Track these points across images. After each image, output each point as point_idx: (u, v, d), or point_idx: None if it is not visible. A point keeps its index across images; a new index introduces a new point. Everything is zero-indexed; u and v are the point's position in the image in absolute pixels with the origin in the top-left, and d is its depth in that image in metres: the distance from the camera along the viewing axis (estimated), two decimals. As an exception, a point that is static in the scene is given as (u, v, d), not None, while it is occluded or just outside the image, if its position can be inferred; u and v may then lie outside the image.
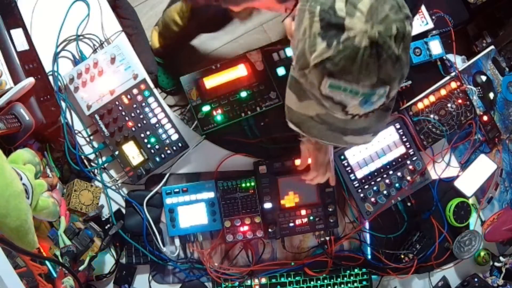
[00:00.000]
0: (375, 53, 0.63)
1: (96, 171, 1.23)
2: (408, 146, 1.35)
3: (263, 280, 1.31)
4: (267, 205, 1.27)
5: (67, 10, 1.23)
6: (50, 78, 1.20)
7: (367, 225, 1.35)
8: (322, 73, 0.65)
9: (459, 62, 1.46)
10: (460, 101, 1.40)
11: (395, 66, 0.65)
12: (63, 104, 1.20)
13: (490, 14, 1.75)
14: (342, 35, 0.63)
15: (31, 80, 1.09)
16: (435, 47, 1.40)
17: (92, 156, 1.23)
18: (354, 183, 1.32)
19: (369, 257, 1.36)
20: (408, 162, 1.35)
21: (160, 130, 1.23)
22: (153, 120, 1.22)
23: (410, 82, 1.38)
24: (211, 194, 1.26)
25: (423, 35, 1.41)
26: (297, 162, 1.27)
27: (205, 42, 1.80)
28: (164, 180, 1.25)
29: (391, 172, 1.34)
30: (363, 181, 1.32)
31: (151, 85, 1.24)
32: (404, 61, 0.66)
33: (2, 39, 1.12)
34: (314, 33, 0.65)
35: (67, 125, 1.20)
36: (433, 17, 1.43)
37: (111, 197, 1.23)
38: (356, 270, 1.35)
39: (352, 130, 0.73)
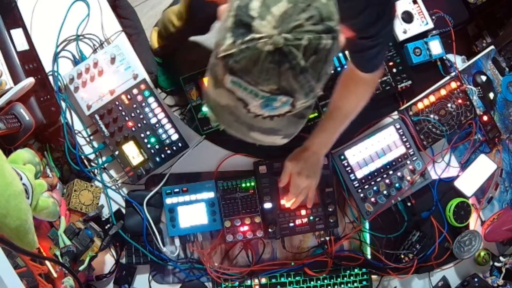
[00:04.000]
0: (277, 61, 0.61)
1: (96, 171, 1.23)
2: (408, 146, 1.35)
3: (263, 280, 1.31)
4: (267, 205, 1.27)
5: (67, 10, 1.23)
6: (50, 78, 1.20)
7: (367, 225, 1.35)
8: (225, 67, 0.64)
9: (459, 62, 1.46)
10: (460, 101, 1.40)
11: (298, 77, 0.62)
12: (63, 104, 1.20)
13: (490, 14, 1.74)
14: (248, 36, 0.61)
15: (31, 80, 1.10)
16: (435, 47, 1.40)
17: (92, 156, 1.23)
18: (354, 183, 1.32)
19: (369, 257, 1.36)
20: (408, 162, 1.35)
21: (160, 130, 1.23)
22: (153, 120, 1.22)
23: (410, 82, 1.38)
24: (211, 194, 1.26)
25: (423, 35, 1.41)
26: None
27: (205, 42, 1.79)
28: (164, 180, 1.25)
29: (391, 172, 1.34)
30: (363, 181, 1.32)
31: (151, 85, 1.24)
32: (311, 74, 0.63)
33: (2, 39, 1.12)
34: (226, 27, 0.64)
35: (67, 125, 1.20)
36: (433, 17, 1.43)
37: (111, 197, 1.23)
38: (356, 270, 1.35)
39: (259, 128, 0.71)
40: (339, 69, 1.35)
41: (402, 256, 1.35)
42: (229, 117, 0.71)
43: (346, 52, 1.32)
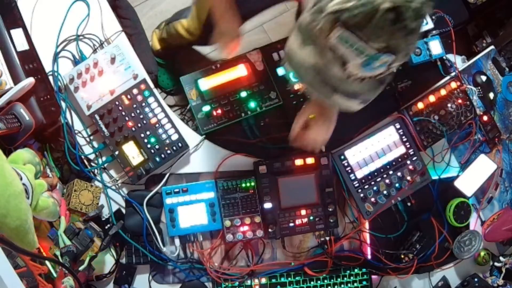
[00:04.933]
0: (393, 18, 0.64)
1: (96, 171, 1.23)
2: (408, 146, 1.35)
3: (263, 280, 1.31)
4: (267, 205, 1.27)
5: (67, 10, 1.23)
6: (50, 78, 1.20)
7: (367, 225, 1.35)
8: (336, 21, 0.66)
9: (459, 62, 1.46)
10: (460, 101, 1.40)
11: (407, 37, 0.66)
12: (63, 104, 1.20)
13: (490, 14, 1.75)
14: None
15: (31, 80, 1.10)
16: (435, 47, 1.40)
17: (92, 156, 1.23)
18: (354, 183, 1.32)
19: (369, 257, 1.36)
20: (408, 162, 1.35)
21: (160, 130, 1.23)
22: (153, 120, 1.22)
23: (410, 82, 1.38)
24: (211, 194, 1.26)
25: (423, 35, 1.41)
26: (297, 161, 1.27)
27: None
28: (164, 180, 1.25)
29: (391, 172, 1.34)
30: (363, 181, 1.32)
31: (151, 85, 1.24)
32: (416, 36, 0.67)
33: (2, 39, 1.12)
34: None
35: (67, 125, 1.20)
36: (433, 17, 1.43)
37: (111, 197, 1.23)
38: (356, 270, 1.35)
39: (343, 91, 0.73)
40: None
41: (402, 256, 1.35)
42: (316, 77, 0.72)
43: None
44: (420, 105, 1.37)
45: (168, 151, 1.23)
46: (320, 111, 1.17)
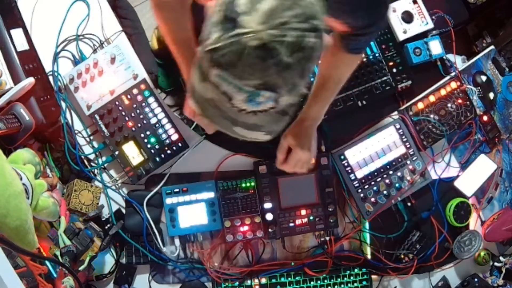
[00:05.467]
0: (262, 56, 0.62)
1: (96, 171, 1.23)
2: (408, 146, 1.35)
3: (263, 280, 1.31)
4: (267, 205, 1.27)
5: (67, 10, 1.23)
6: (50, 78, 1.20)
7: (367, 225, 1.35)
8: (211, 61, 0.65)
9: (459, 62, 1.46)
10: (460, 101, 1.40)
11: (282, 73, 0.64)
12: (63, 104, 1.20)
13: (490, 14, 1.75)
14: (234, 30, 0.62)
15: (31, 80, 1.10)
16: (435, 47, 1.40)
17: (92, 156, 1.23)
18: (354, 183, 1.32)
19: (369, 257, 1.36)
20: (408, 162, 1.35)
21: (160, 130, 1.23)
22: (153, 120, 1.22)
23: (410, 82, 1.38)
24: (211, 194, 1.26)
25: (423, 35, 1.41)
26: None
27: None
28: (164, 180, 1.25)
29: (391, 172, 1.34)
30: (363, 181, 1.32)
31: (151, 85, 1.24)
32: (297, 70, 0.65)
33: (2, 39, 1.12)
34: (213, 22, 0.65)
35: (67, 125, 1.20)
36: (433, 17, 1.43)
37: (111, 197, 1.23)
38: (356, 270, 1.35)
39: (243, 123, 0.72)
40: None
41: (402, 256, 1.35)
42: (214, 111, 0.71)
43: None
44: (420, 105, 1.37)
45: (168, 151, 1.23)
46: (295, 132, 1.16)
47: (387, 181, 1.33)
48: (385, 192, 1.33)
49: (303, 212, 1.28)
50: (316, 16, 0.64)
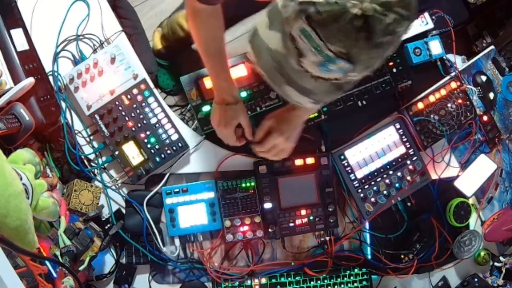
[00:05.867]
0: (359, 26, 0.60)
1: (96, 171, 1.23)
2: (408, 146, 1.35)
3: (263, 280, 1.31)
4: (267, 205, 1.27)
5: (67, 10, 1.23)
6: (50, 78, 1.20)
7: (367, 225, 1.35)
8: (301, 13, 0.63)
9: (459, 62, 1.46)
10: (460, 101, 1.40)
11: (370, 50, 0.63)
12: (63, 104, 1.20)
13: (490, 14, 1.75)
14: None
15: (31, 80, 1.10)
16: (435, 47, 1.40)
17: (92, 156, 1.23)
18: (354, 183, 1.32)
19: (369, 257, 1.36)
20: (408, 162, 1.35)
21: (160, 130, 1.23)
22: (153, 120, 1.22)
23: (410, 82, 1.38)
24: (211, 194, 1.26)
25: (423, 35, 1.41)
26: (297, 161, 1.27)
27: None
28: (164, 180, 1.25)
29: (391, 172, 1.34)
30: (363, 181, 1.32)
31: (151, 85, 1.24)
32: (381, 52, 0.64)
33: (2, 39, 1.12)
34: None
35: (67, 125, 1.20)
36: (433, 17, 1.43)
37: (111, 197, 1.23)
38: (356, 270, 1.35)
39: (296, 85, 0.70)
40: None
41: (402, 256, 1.35)
42: (272, 62, 0.69)
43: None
44: (420, 105, 1.37)
45: (168, 151, 1.23)
46: (281, 117, 1.14)
47: (387, 181, 1.33)
48: (385, 192, 1.33)
49: (303, 212, 1.28)
50: (414, 7, 0.64)
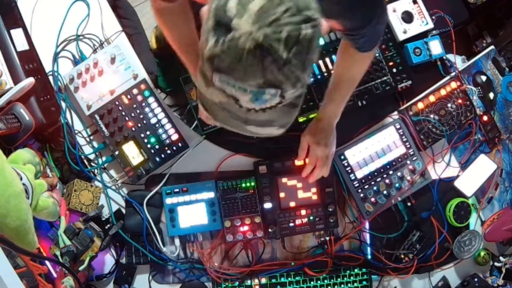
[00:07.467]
0: (259, 56, 0.62)
1: (96, 171, 1.23)
2: (408, 146, 1.35)
3: (263, 280, 1.31)
4: (267, 205, 1.27)
5: (67, 10, 1.23)
6: (50, 78, 1.20)
7: (367, 225, 1.35)
8: (211, 67, 0.66)
9: (459, 62, 1.46)
10: (460, 101, 1.40)
11: (283, 69, 0.63)
12: (63, 104, 1.20)
13: (490, 14, 1.75)
14: (229, 35, 0.62)
15: (31, 80, 1.10)
16: (435, 47, 1.40)
17: (92, 156, 1.23)
18: (354, 183, 1.31)
19: (369, 257, 1.36)
20: (408, 162, 1.35)
21: (160, 130, 1.23)
22: (153, 120, 1.22)
23: (410, 82, 1.38)
24: (211, 194, 1.26)
25: (423, 35, 1.41)
26: (297, 162, 1.27)
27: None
28: (164, 180, 1.25)
29: (391, 172, 1.34)
30: (363, 181, 1.32)
31: (151, 85, 1.24)
32: (295, 65, 0.64)
33: (2, 39, 1.12)
34: (208, 28, 0.65)
35: (67, 125, 1.20)
36: (433, 17, 1.43)
37: (111, 197, 1.23)
38: (356, 270, 1.35)
39: (254, 121, 0.72)
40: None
41: (402, 256, 1.35)
42: (224, 113, 0.72)
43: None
44: (420, 105, 1.37)
45: (168, 151, 1.23)
46: (313, 131, 1.21)
47: (387, 181, 1.33)
48: (385, 192, 1.32)
49: (303, 212, 1.28)
50: (308, 6, 0.64)
